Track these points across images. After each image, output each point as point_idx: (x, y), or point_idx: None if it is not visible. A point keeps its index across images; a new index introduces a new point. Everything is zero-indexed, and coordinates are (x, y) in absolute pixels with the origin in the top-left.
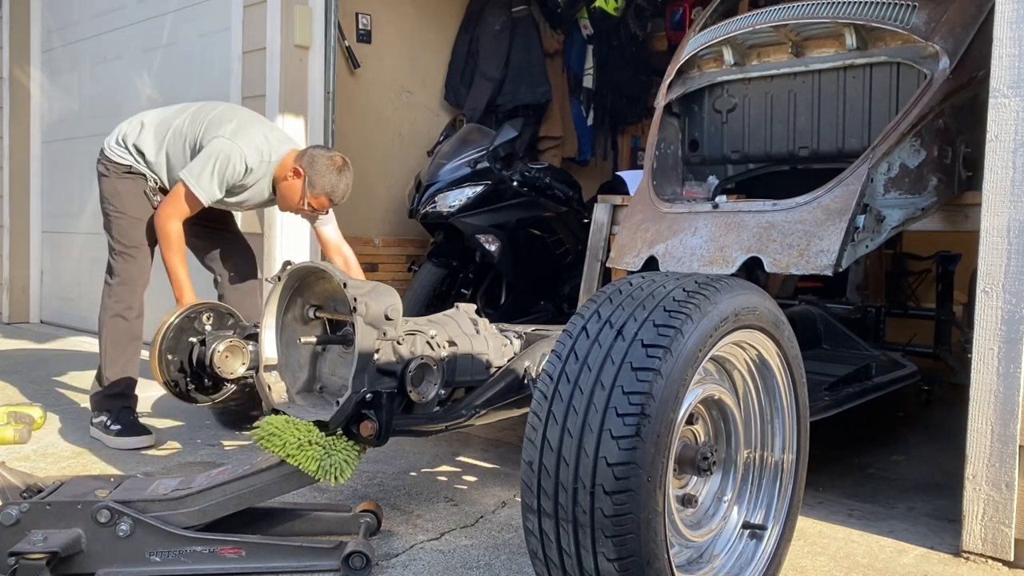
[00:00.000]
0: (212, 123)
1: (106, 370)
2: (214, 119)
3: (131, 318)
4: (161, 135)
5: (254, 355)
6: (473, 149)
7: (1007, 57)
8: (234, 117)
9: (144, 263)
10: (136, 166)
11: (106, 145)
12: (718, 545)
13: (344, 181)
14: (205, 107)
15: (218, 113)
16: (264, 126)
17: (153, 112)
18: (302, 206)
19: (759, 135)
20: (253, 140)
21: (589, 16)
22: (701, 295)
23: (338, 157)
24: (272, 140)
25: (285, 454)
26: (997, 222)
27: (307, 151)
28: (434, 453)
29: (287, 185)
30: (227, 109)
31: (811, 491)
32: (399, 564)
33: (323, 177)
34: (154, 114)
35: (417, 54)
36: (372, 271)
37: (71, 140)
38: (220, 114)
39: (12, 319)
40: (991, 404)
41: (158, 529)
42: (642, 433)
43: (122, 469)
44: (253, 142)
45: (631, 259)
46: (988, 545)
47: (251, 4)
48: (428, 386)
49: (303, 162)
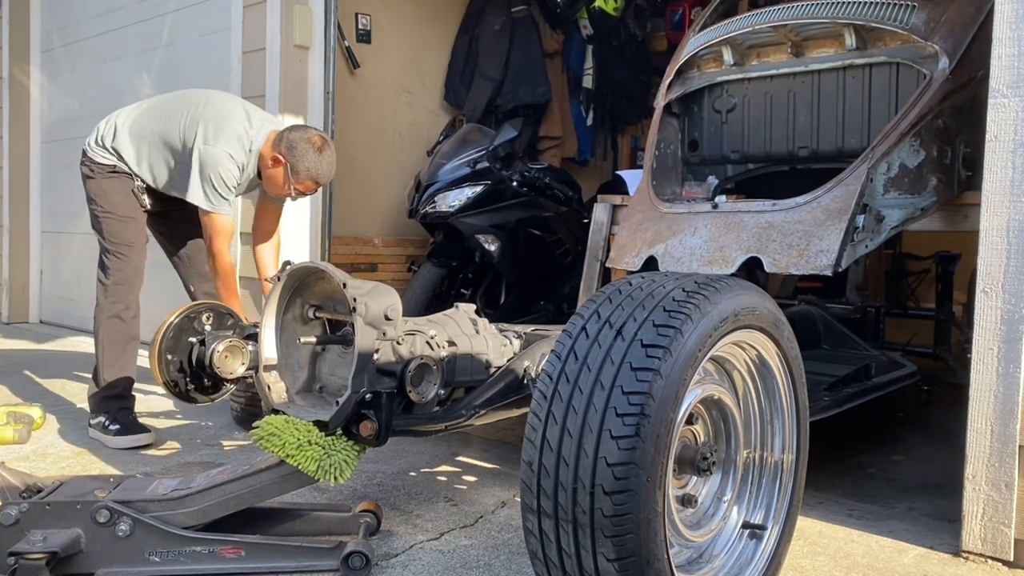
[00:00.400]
0: (188, 126)
1: (104, 371)
2: (189, 121)
3: (128, 318)
4: (137, 138)
5: (254, 355)
6: (473, 149)
7: (1007, 57)
8: (207, 110)
9: (138, 262)
10: (120, 165)
11: (87, 146)
12: (718, 545)
13: (326, 160)
14: (174, 101)
15: (191, 112)
16: (239, 113)
17: (124, 112)
18: (289, 192)
19: (759, 135)
20: (234, 135)
21: (589, 16)
22: (701, 295)
23: (316, 136)
24: (251, 126)
25: (285, 454)
26: (997, 222)
27: (283, 135)
28: (434, 453)
29: (270, 173)
30: (198, 101)
31: (811, 491)
32: (399, 564)
33: (304, 161)
34: (126, 115)
35: (417, 54)
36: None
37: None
38: (193, 113)
39: (12, 319)
40: (991, 404)
41: (157, 529)
42: (642, 433)
43: (121, 469)
44: (235, 137)
45: (631, 259)
46: (988, 545)
47: (251, 4)
48: (428, 386)
49: (281, 148)
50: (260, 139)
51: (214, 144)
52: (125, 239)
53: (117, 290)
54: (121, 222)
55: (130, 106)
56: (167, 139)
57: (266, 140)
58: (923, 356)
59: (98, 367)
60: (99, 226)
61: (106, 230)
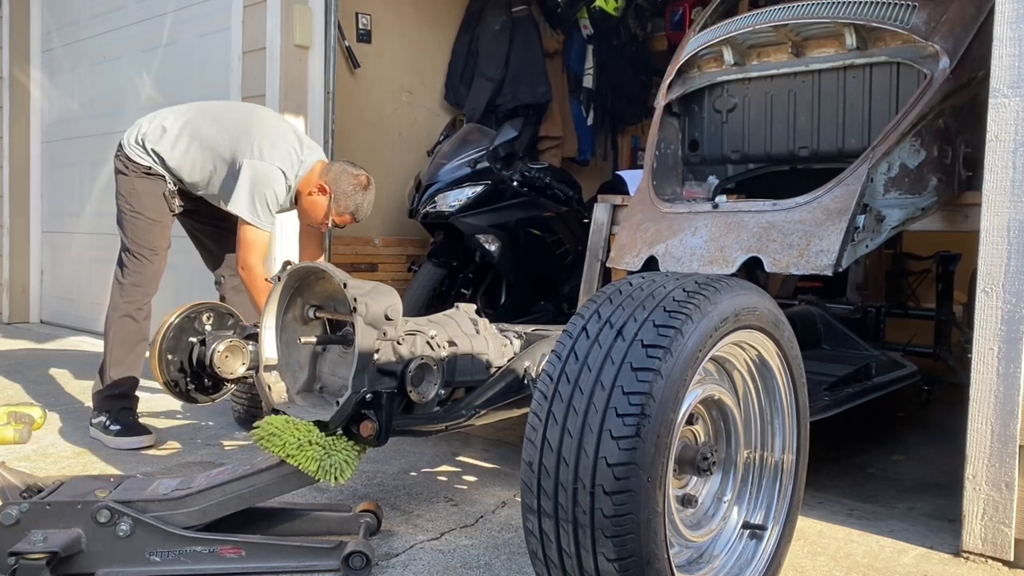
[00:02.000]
0: (241, 137)
1: (110, 369)
2: (241, 133)
3: (140, 319)
4: (184, 143)
5: (254, 355)
6: (473, 149)
7: (1007, 57)
8: (261, 128)
9: (158, 267)
10: (155, 167)
11: (125, 142)
12: (718, 545)
13: (368, 200)
14: (226, 111)
15: (243, 125)
16: (291, 135)
17: (173, 115)
18: (325, 222)
19: (759, 135)
20: (287, 156)
21: (589, 16)
22: (701, 295)
23: (363, 176)
24: (302, 150)
25: (285, 454)
26: (997, 222)
27: (332, 168)
28: (434, 453)
29: (311, 200)
30: (249, 116)
31: (811, 491)
32: (399, 564)
33: (349, 197)
34: (174, 117)
35: (417, 54)
36: (372, 271)
37: (71, 140)
38: (245, 126)
39: (12, 319)
40: (991, 404)
41: (158, 529)
42: (642, 433)
43: (122, 469)
44: (288, 158)
45: (631, 259)
46: (988, 545)
47: (251, 4)
48: (428, 386)
49: (328, 179)
50: (307, 165)
51: (270, 160)
52: (149, 243)
53: (133, 291)
54: (148, 224)
55: (176, 108)
56: (215, 146)
57: (311, 169)
58: (923, 356)
59: (105, 364)
60: (124, 225)
61: (131, 230)
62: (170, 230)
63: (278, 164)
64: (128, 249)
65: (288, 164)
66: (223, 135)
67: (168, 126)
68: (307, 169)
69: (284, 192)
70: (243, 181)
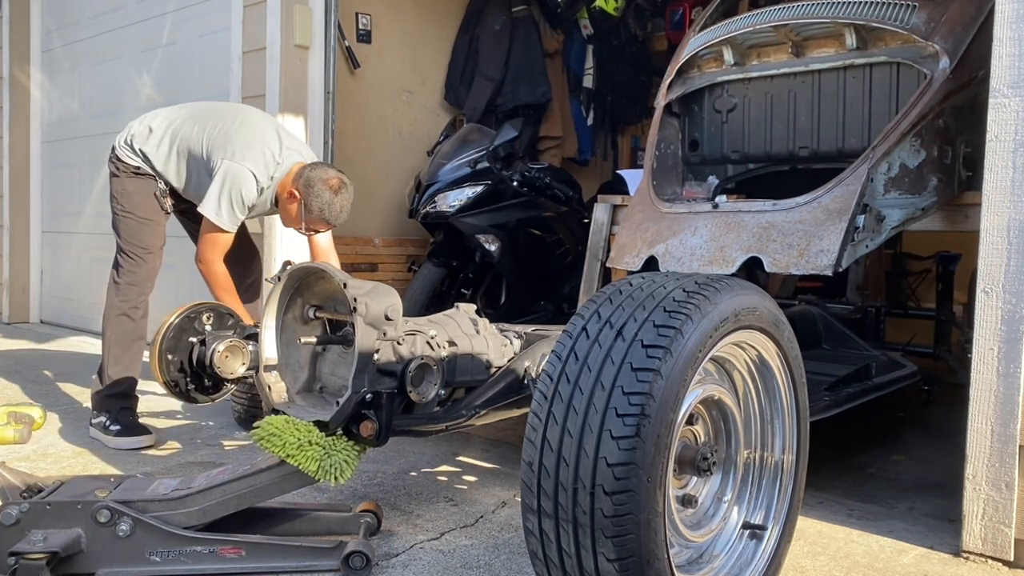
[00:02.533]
0: (217, 139)
1: (109, 369)
2: (219, 134)
3: (136, 318)
4: (169, 143)
5: (254, 355)
6: (473, 149)
7: (1007, 57)
8: (240, 129)
9: (153, 266)
10: (144, 167)
11: (116, 143)
12: (718, 545)
13: (340, 202)
14: (211, 113)
15: (223, 127)
16: (272, 136)
17: (161, 115)
18: (300, 227)
19: (759, 135)
20: (261, 157)
21: (589, 16)
22: (701, 295)
23: (334, 179)
24: (280, 152)
25: (285, 454)
26: (997, 222)
27: (303, 172)
28: (434, 453)
29: (283, 204)
30: (233, 117)
31: (811, 491)
32: (399, 564)
33: (319, 201)
34: (161, 118)
35: (417, 54)
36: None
37: (71, 140)
38: (225, 127)
39: (12, 319)
40: (991, 404)
41: (158, 529)
42: (642, 433)
43: (122, 469)
44: (261, 159)
45: (631, 259)
46: (988, 545)
47: (251, 4)
48: (428, 386)
49: (299, 184)
50: (284, 168)
51: (241, 161)
52: (141, 242)
53: (129, 290)
54: (140, 224)
55: (166, 109)
56: (193, 147)
57: (288, 172)
58: (923, 356)
59: (103, 364)
60: (118, 225)
61: (124, 230)
62: (164, 228)
63: (248, 165)
64: (122, 249)
65: (260, 165)
66: (202, 136)
67: (155, 127)
68: (284, 171)
69: (254, 194)
70: (215, 181)
